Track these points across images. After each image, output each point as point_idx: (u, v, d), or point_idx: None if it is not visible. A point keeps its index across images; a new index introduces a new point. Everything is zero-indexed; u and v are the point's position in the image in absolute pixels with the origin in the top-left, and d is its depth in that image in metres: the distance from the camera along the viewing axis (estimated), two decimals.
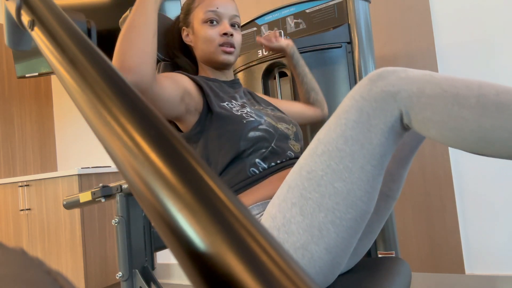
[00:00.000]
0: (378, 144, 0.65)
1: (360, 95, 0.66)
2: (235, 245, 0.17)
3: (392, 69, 0.66)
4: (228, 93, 1.00)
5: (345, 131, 0.66)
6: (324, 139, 0.68)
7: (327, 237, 0.66)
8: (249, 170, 0.87)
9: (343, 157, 0.65)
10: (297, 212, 0.68)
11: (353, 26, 1.31)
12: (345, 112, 0.67)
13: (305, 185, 0.68)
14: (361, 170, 0.65)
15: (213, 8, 0.97)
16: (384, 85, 0.64)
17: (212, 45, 0.97)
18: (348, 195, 0.66)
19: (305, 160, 0.70)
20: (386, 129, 0.64)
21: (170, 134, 0.23)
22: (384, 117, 0.64)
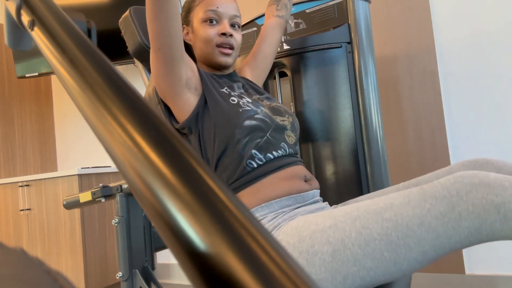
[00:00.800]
0: (456, 242, 0.63)
1: (457, 191, 0.62)
2: (235, 245, 0.17)
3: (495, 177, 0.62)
4: (226, 83, 1.00)
5: (426, 216, 0.63)
6: (397, 208, 0.66)
7: (348, 286, 0.66)
8: (246, 162, 0.87)
9: (409, 236, 0.63)
10: (329, 252, 0.67)
11: (353, 26, 1.31)
12: (433, 198, 0.64)
13: (352, 235, 0.66)
14: (421, 254, 0.63)
15: (213, 8, 0.96)
16: (487, 193, 0.60)
17: (210, 44, 0.97)
18: (394, 266, 0.64)
19: (367, 214, 0.67)
20: (475, 234, 0.61)
21: (170, 134, 0.23)
22: (478, 224, 0.60)
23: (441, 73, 1.74)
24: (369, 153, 1.24)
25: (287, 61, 1.33)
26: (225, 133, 0.87)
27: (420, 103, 1.76)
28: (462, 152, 1.69)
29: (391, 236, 0.64)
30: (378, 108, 1.30)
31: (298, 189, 0.88)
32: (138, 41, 1.09)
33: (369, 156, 1.24)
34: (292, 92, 1.33)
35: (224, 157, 0.89)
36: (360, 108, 1.27)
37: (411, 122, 1.78)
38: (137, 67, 1.21)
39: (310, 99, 1.30)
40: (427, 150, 1.74)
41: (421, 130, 1.76)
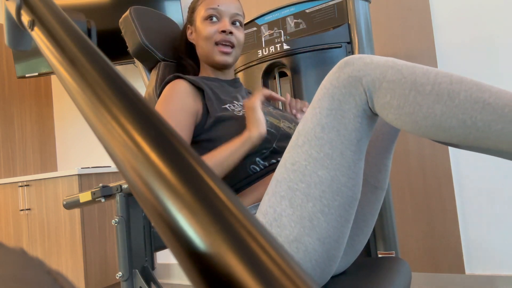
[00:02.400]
0: (353, 129, 0.67)
1: (330, 82, 0.68)
2: (235, 245, 0.17)
3: (358, 56, 0.68)
4: (230, 93, 0.99)
5: (321, 119, 0.68)
6: (303, 130, 0.70)
7: (318, 227, 0.67)
8: (249, 167, 0.87)
9: (323, 145, 0.67)
10: (287, 204, 0.69)
11: (353, 26, 1.31)
12: (318, 101, 0.69)
13: (291, 177, 0.70)
14: (341, 156, 0.67)
15: (214, 6, 0.97)
16: (351, 71, 0.66)
17: (209, 42, 0.97)
18: (332, 182, 0.67)
19: (289, 153, 0.72)
20: (358, 113, 0.66)
21: (170, 134, 0.23)
22: (354, 102, 0.66)
23: None
24: None
25: (287, 61, 1.33)
26: None
27: None
28: (462, 152, 1.69)
29: (313, 155, 0.68)
30: None
31: None
32: (138, 41, 1.09)
33: None
34: (292, 92, 1.33)
35: None
36: None
37: None
38: (137, 67, 1.22)
39: (310, 99, 1.30)
40: (427, 150, 1.74)
41: None
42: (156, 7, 2.45)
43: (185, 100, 0.89)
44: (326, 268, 0.70)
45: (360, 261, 0.93)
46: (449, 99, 0.59)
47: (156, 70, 1.12)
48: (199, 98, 0.92)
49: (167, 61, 1.14)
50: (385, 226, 1.23)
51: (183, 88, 0.91)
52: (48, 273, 0.18)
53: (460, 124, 0.58)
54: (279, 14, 1.50)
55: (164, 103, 0.89)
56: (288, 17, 1.48)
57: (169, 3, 2.46)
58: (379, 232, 1.23)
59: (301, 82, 1.31)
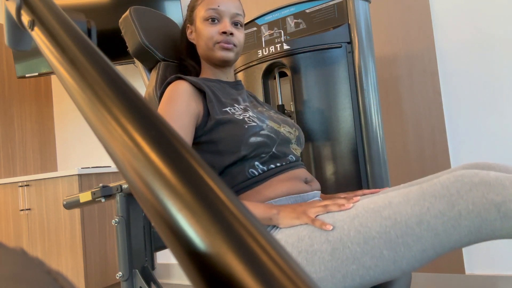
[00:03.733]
0: (455, 241, 0.62)
1: (457, 190, 0.62)
2: (235, 245, 0.17)
3: (495, 176, 0.62)
4: (231, 95, 0.99)
5: (425, 215, 0.63)
6: (396, 206, 0.65)
7: (349, 284, 0.66)
8: (248, 171, 0.87)
9: (408, 234, 0.63)
10: (328, 250, 0.66)
11: (353, 26, 1.31)
12: (432, 197, 0.63)
13: (350, 234, 0.66)
14: (421, 252, 0.63)
15: (214, 6, 0.97)
16: (487, 192, 0.60)
17: (210, 42, 0.97)
18: (393, 264, 0.64)
19: (366, 212, 0.67)
20: (475, 233, 0.61)
21: (170, 134, 0.23)
22: (478, 223, 0.60)
23: (441, 73, 1.74)
24: (369, 153, 1.24)
25: (287, 61, 1.33)
26: (231, 149, 0.86)
27: (420, 103, 1.76)
28: (462, 152, 1.69)
29: (390, 234, 0.63)
30: (378, 108, 1.30)
31: (298, 190, 0.88)
32: (138, 41, 1.09)
33: (369, 156, 1.24)
34: (292, 92, 1.33)
35: (227, 169, 0.89)
36: (360, 108, 1.27)
37: (411, 122, 1.78)
38: (137, 67, 1.21)
39: (310, 99, 1.30)
40: (427, 150, 1.74)
41: (421, 130, 1.76)
42: (156, 7, 2.45)
43: (188, 102, 0.89)
44: None
45: None
46: None
47: (156, 70, 1.12)
48: (200, 100, 0.92)
49: (167, 61, 1.14)
50: None
51: (185, 89, 0.91)
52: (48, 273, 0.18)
53: None
54: (279, 14, 1.50)
55: (168, 105, 0.89)
56: (288, 17, 1.48)
57: (169, 3, 2.46)
58: None
59: (301, 82, 1.31)
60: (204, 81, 0.97)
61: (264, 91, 1.41)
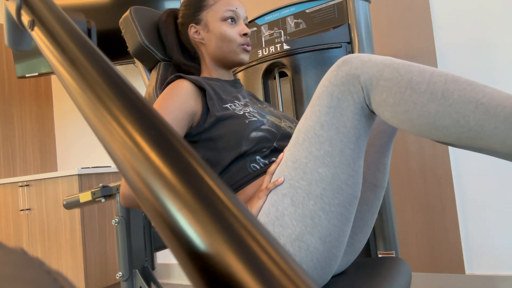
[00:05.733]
0: (352, 127, 0.68)
1: (328, 80, 0.69)
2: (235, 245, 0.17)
3: (357, 55, 0.69)
4: (231, 93, 0.99)
5: (320, 117, 0.69)
6: (303, 128, 0.71)
7: (319, 226, 0.68)
8: (250, 166, 0.87)
9: (322, 142, 0.68)
10: (289, 202, 0.70)
11: (353, 26, 1.31)
12: (317, 99, 0.70)
13: (292, 175, 0.71)
14: (341, 154, 0.68)
15: (232, 8, 1.00)
16: (349, 68, 0.67)
17: (233, 43, 0.99)
18: (333, 179, 0.68)
19: (289, 150, 0.73)
20: (356, 111, 0.67)
21: (170, 134, 0.23)
22: (352, 99, 0.67)
23: None
24: None
25: (287, 61, 1.33)
26: (232, 145, 0.87)
27: None
28: (462, 152, 1.69)
29: (313, 152, 0.69)
30: None
31: None
32: (138, 41, 1.09)
33: None
34: (292, 92, 1.33)
35: (229, 166, 0.89)
36: None
37: None
38: (137, 67, 1.21)
39: (310, 99, 1.30)
40: (427, 150, 1.74)
41: None
42: (156, 7, 2.45)
43: (185, 100, 0.89)
44: (327, 267, 0.71)
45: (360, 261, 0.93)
46: (443, 98, 0.60)
47: (156, 70, 1.12)
48: (199, 98, 0.92)
49: (167, 61, 1.14)
50: (385, 226, 1.23)
51: (184, 87, 0.91)
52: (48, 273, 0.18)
53: (453, 123, 0.59)
54: (279, 14, 1.50)
55: (164, 101, 0.89)
56: (288, 17, 1.48)
57: (169, 3, 2.46)
58: (379, 232, 1.23)
59: (301, 82, 1.31)
60: (204, 79, 0.98)
61: (264, 91, 1.41)
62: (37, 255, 2.40)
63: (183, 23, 1.06)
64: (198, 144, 0.91)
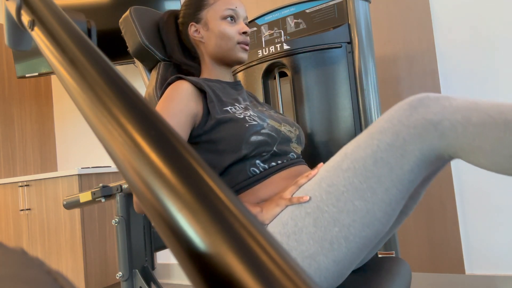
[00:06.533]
0: (408, 170, 0.64)
1: (398, 119, 0.64)
2: (235, 245, 0.17)
3: (434, 96, 0.64)
4: (231, 95, 0.99)
5: (376, 153, 0.65)
6: (352, 155, 0.67)
7: (337, 251, 0.66)
8: (249, 169, 0.87)
9: (369, 177, 0.64)
10: (310, 222, 0.68)
11: (353, 26, 1.31)
12: (379, 133, 0.66)
13: (323, 197, 0.67)
14: (385, 193, 0.64)
15: (232, 7, 1.01)
16: (425, 113, 0.62)
17: (231, 41, 1.00)
18: (367, 214, 0.65)
19: (328, 172, 0.69)
20: (420, 156, 0.63)
21: (170, 134, 0.23)
22: (421, 144, 0.62)
23: (441, 73, 1.74)
24: None
25: (287, 61, 1.33)
26: (232, 148, 0.87)
27: None
28: None
29: (355, 183, 0.65)
30: (378, 108, 1.30)
31: None
32: (138, 41, 1.09)
33: None
34: (292, 92, 1.33)
35: (228, 169, 0.89)
36: (360, 108, 1.27)
37: None
38: (137, 67, 1.21)
39: (310, 99, 1.30)
40: None
41: None
42: (156, 7, 2.45)
43: (186, 102, 0.89)
44: (334, 284, 0.70)
45: None
46: None
47: (156, 70, 1.12)
48: (200, 100, 0.92)
49: (167, 61, 1.14)
50: None
51: (185, 89, 0.91)
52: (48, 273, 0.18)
53: None
54: (279, 14, 1.50)
55: (165, 103, 0.89)
56: (288, 17, 1.48)
57: (169, 3, 2.46)
58: None
59: (301, 82, 1.31)
60: (205, 81, 0.98)
61: (264, 91, 1.41)
62: (37, 255, 2.40)
63: (183, 23, 1.06)
64: (198, 146, 0.91)
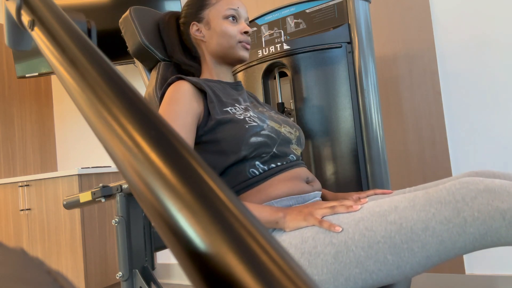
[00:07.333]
0: (460, 248, 0.62)
1: (462, 197, 0.62)
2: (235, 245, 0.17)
3: (499, 182, 0.62)
4: (232, 96, 0.99)
5: (430, 221, 0.62)
6: (402, 211, 0.65)
7: (350, 287, 0.65)
8: (249, 171, 0.87)
9: (414, 240, 0.63)
10: (331, 253, 0.66)
11: (353, 26, 1.31)
12: (438, 203, 0.63)
13: (355, 237, 0.65)
14: (425, 259, 0.63)
15: (234, 7, 1.02)
16: (493, 199, 0.60)
17: (232, 40, 1.00)
18: (396, 269, 0.64)
19: (371, 215, 0.67)
20: (479, 239, 0.60)
21: (170, 134, 0.23)
22: (484, 230, 0.60)
23: (441, 73, 1.74)
24: (369, 153, 1.24)
25: (287, 61, 1.33)
26: (232, 149, 0.86)
27: (420, 103, 1.76)
28: (461, 151, 1.69)
29: (395, 240, 0.63)
30: (378, 108, 1.30)
31: (299, 190, 0.88)
32: (138, 41, 1.09)
33: (369, 156, 1.24)
34: (292, 92, 1.33)
35: (228, 169, 0.89)
36: (360, 108, 1.27)
37: (411, 122, 1.78)
38: (137, 67, 1.21)
39: (310, 99, 1.30)
40: (427, 150, 1.74)
41: (421, 130, 1.76)
42: (156, 7, 2.45)
43: (189, 102, 0.89)
44: None
45: None
46: None
47: (156, 70, 1.12)
48: (201, 100, 0.93)
49: (167, 61, 1.14)
50: None
51: (186, 90, 0.91)
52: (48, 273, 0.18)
53: None
54: (279, 14, 1.50)
55: (169, 105, 0.89)
56: (288, 17, 1.48)
57: (169, 3, 2.46)
58: None
59: (301, 82, 1.31)
60: (205, 81, 0.98)
61: (264, 91, 1.41)
62: (37, 255, 2.40)
63: (185, 22, 1.06)
64: (198, 146, 0.91)
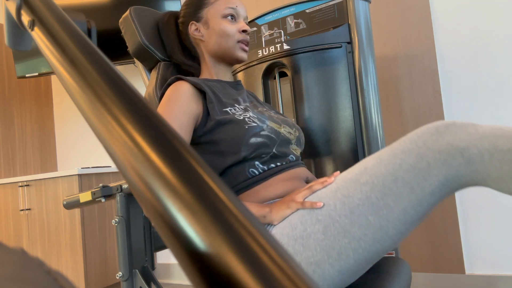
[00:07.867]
0: (429, 193, 0.63)
1: (423, 142, 0.65)
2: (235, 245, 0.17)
3: (461, 123, 0.64)
4: (231, 95, 0.99)
5: (398, 171, 0.65)
6: (371, 170, 0.67)
7: (344, 262, 0.66)
8: (248, 171, 0.87)
9: (387, 194, 0.64)
10: (320, 230, 0.67)
11: (353, 26, 1.31)
12: (402, 153, 0.66)
13: (337, 207, 0.67)
14: (402, 212, 0.64)
15: (233, 6, 1.02)
16: (452, 139, 0.62)
17: (231, 39, 1.00)
18: (380, 230, 0.65)
19: (345, 183, 0.69)
20: (444, 181, 0.63)
21: (170, 134, 0.23)
22: (445, 170, 0.62)
23: (441, 73, 1.74)
24: (369, 153, 1.24)
25: (287, 61, 1.33)
26: (231, 150, 0.87)
27: (420, 103, 1.76)
28: None
29: (371, 198, 0.65)
30: (378, 108, 1.30)
31: None
32: (138, 41, 1.09)
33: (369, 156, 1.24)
34: (292, 92, 1.33)
35: (227, 170, 0.89)
36: (360, 108, 1.27)
37: (411, 122, 1.78)
38: (137, 67, 1.21)
39: (310, 99, 1.30)
40: None
41: None
42: (156, 7, 2.45)
43: (188, 103, 0.89)
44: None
45: None
46: None
47: (156, 70, 1.12)
48: (200, 100, 0.92)
49: (167, 61, 1.14)
50: None
51: (186, 90, 0.91)
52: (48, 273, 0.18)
53: None
54: (279, 14, 1.50)
55: (168, 105, 0.89)
56: (288, 17, 1.48)
57: (169, 3, 2.46)
58: None
59: (301, 82, 1.31)
60: (205, 81, 0.97)
61: (264, 91, 1.41)
62: (37, 255, 2.40)
63: (183, 22, 1.06)
64: (198, 147, 0.91)
